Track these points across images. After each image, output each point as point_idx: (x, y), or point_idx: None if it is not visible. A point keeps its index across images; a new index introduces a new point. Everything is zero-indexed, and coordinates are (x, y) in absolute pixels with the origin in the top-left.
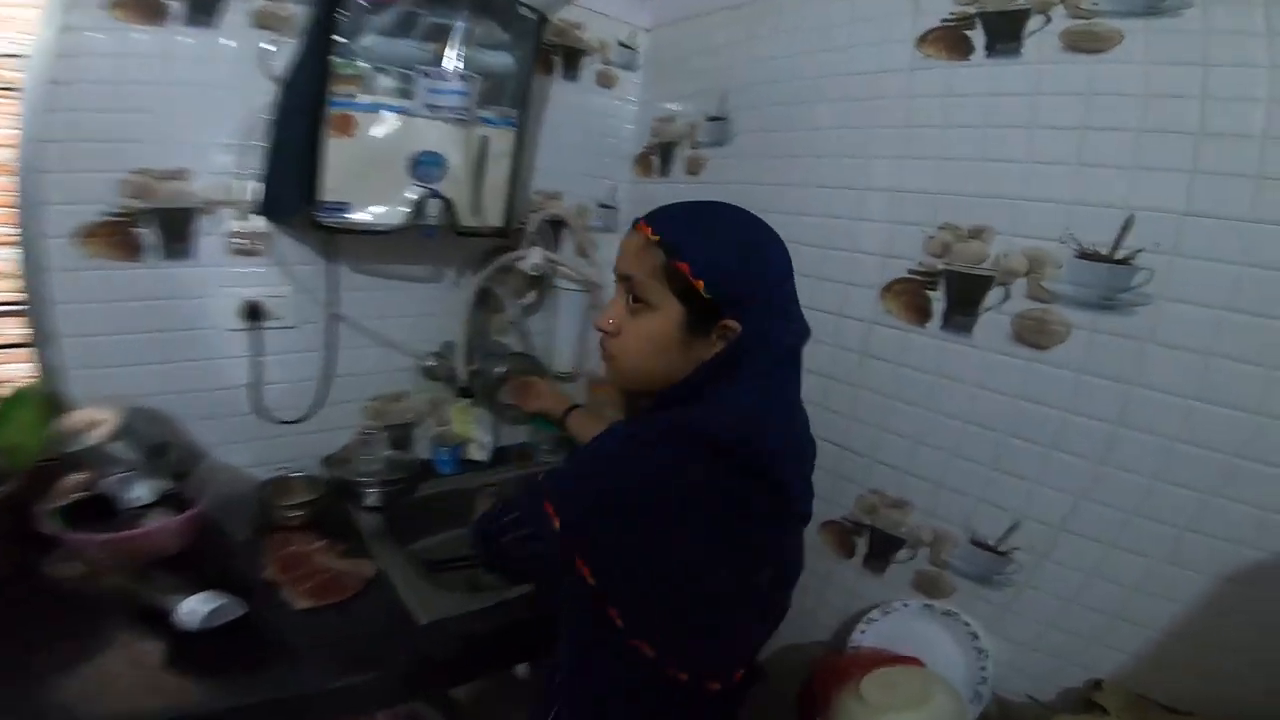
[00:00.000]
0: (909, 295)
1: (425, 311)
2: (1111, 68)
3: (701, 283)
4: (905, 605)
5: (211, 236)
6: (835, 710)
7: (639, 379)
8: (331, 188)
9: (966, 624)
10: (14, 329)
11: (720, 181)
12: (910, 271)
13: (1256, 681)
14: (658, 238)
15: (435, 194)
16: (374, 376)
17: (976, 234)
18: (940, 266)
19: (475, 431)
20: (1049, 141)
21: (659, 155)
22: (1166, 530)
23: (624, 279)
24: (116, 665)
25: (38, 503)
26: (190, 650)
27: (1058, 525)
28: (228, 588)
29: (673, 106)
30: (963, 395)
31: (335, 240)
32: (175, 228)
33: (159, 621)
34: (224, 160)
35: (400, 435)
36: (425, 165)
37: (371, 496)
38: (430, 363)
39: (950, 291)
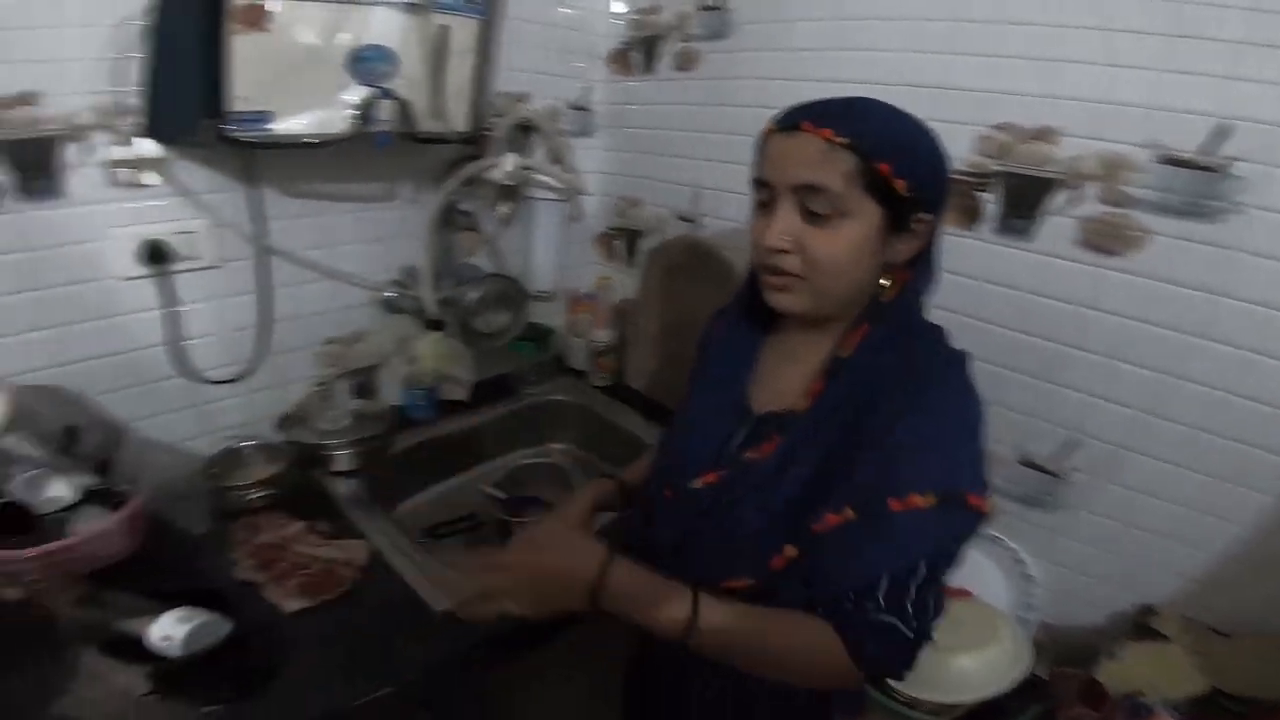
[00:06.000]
0: (957, 196)
1: (378, 235)
2: None
3: (903, 182)
4: None
5: (86, 168)
6: None
7: (834, 297)
8: (244, 95)
9: (1012, 549)
10: None
11: (720, 77)
12: (956, 172)
13: None
14: (846, 140)
15: (387, 94)
16: (325, 316)
17: (1041, 135)
18: (995, 167)
19: (451, 367)
20: (1132, 46)
21: (641, 50)
22: (1232, 447)
23: (800, 190)
24: (89, 704)
25: None
26: (178, 683)
27: (1118, 443)
28: (200, 598)
29: None
30: (1016, 303)
31: (255, 159)
32: (32, 161)
33: (131, 653)
34: (88, 76)
35: (365, 381)
36: (369, 61)
37: (343, 459)
38: (390, 294)
39: (1007, 194)
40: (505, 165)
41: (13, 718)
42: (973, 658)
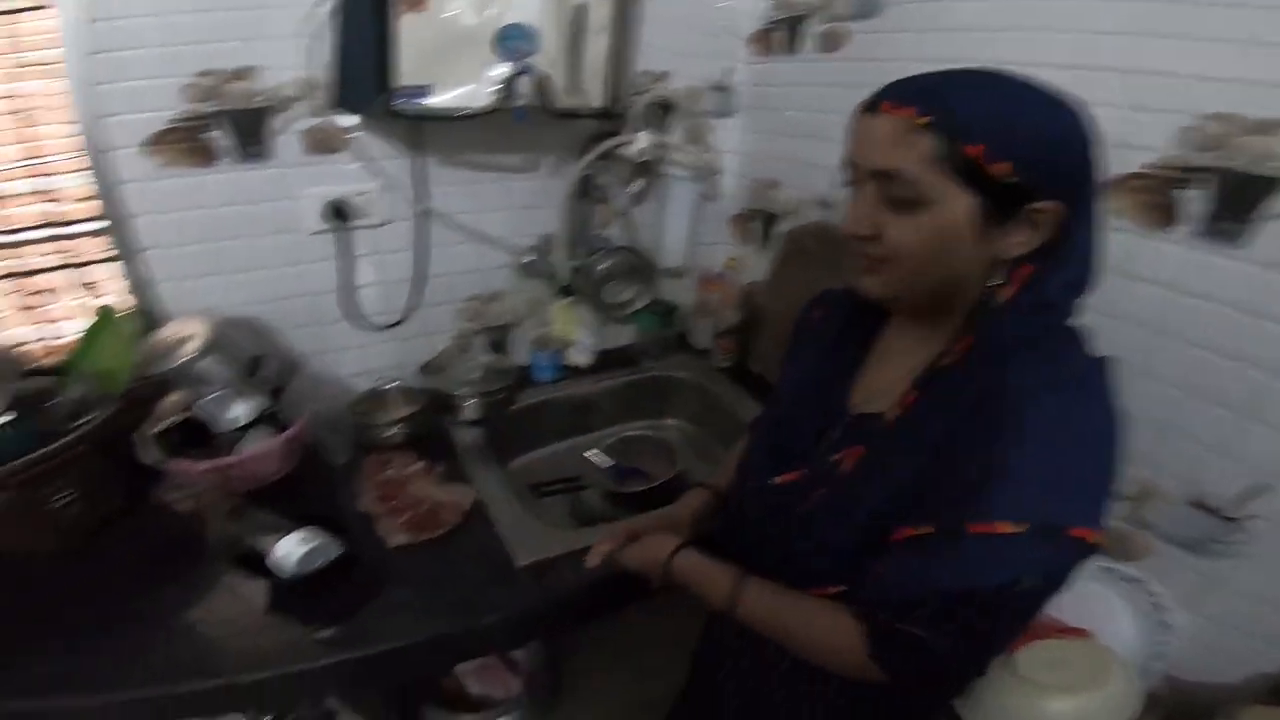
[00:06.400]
0: (1148, 193)
1: (522, 204)
2: None
3: (1009, 165)
4: None
5: (287, 135)
6: (981, 683)
7: (921, 289)
8: (407, 71)
9: (1154, 594)
10: (99, 248)
11: (868, 59)
12: (1149, 166)
13: None
14: (927, 119)
15: (526, 70)
16: (469, 275)
17: (1266, 128)
18: (1201, 162)
19: (577, 333)
20: None
21: (785, 30)
22: None
23: (878, 175)
24: (216, 615)
25: (136, 430)
26: (286, 598)
27: None
28: (325, 521)
29: None
30: (1217, 319)
31: (420, 130)
32: (248, 128)
33: (257, 565)
34: (293, 54)
35: (498, 338)
36: (512, 39)
37: (469, 408)
38: (528, 259)
39: (1223, 192)
40: (640, 142)
41: (154, 622)
42: (1069, 701)
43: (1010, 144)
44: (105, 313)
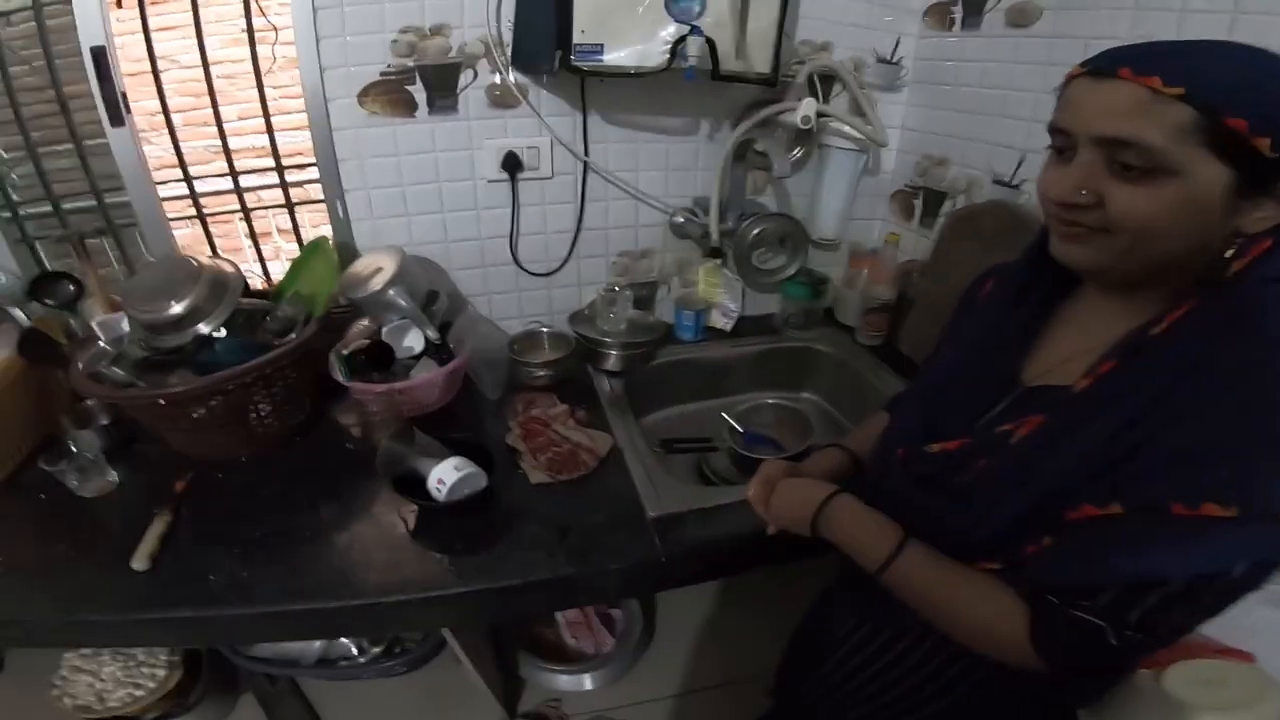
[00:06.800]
0: None
1: (678, 165)
2: None
3: (1268, 140)
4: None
5: (473, 90)
6: (1119, 696)
7: (1141, 262)
8: (584, 29)
9: None
10: (312, 192)
11: (1066, 35)
12: None
13: None
14: (1178, 90)
15: (695, 31)
16: (622, 231)
17: None
18: None
19: (721, 296)
20: None
21: (963, 4)
22: None
23: (1106, 142)
24: (366, 537)
25: (329, 350)
26: (434, 523)
27: None
28: (475, 452)
29: None
30: None
31: (589, 88)
32: (441, 83)
33: (412, 487)
34: (481, 13)
35: (644, 294)
36: (683, 1)
37: (612, 359)
38: (680, 219)
39: None
40: (804, 109)
41: (313, 539)
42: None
43: (1268, 118)
44: (314, 243)
